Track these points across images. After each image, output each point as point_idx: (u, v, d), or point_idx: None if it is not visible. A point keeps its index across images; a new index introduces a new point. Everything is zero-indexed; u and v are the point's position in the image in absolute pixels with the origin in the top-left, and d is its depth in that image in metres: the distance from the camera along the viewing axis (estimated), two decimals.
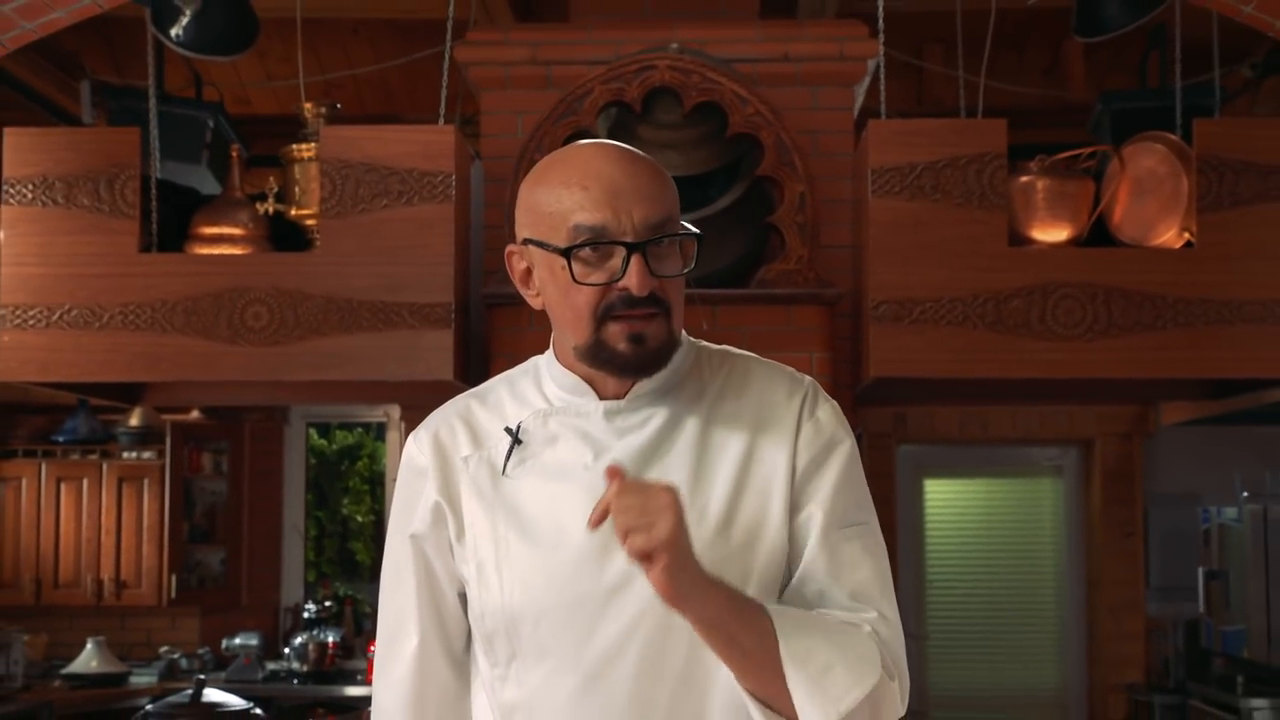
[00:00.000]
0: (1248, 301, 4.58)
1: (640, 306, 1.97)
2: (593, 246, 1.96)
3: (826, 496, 2.05)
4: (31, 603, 8.85)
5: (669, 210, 2.00)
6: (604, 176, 1.98)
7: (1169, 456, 8.59)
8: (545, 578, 2.01)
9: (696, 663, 1.98)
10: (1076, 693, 8.96)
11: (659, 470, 2.02)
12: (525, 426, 2.09)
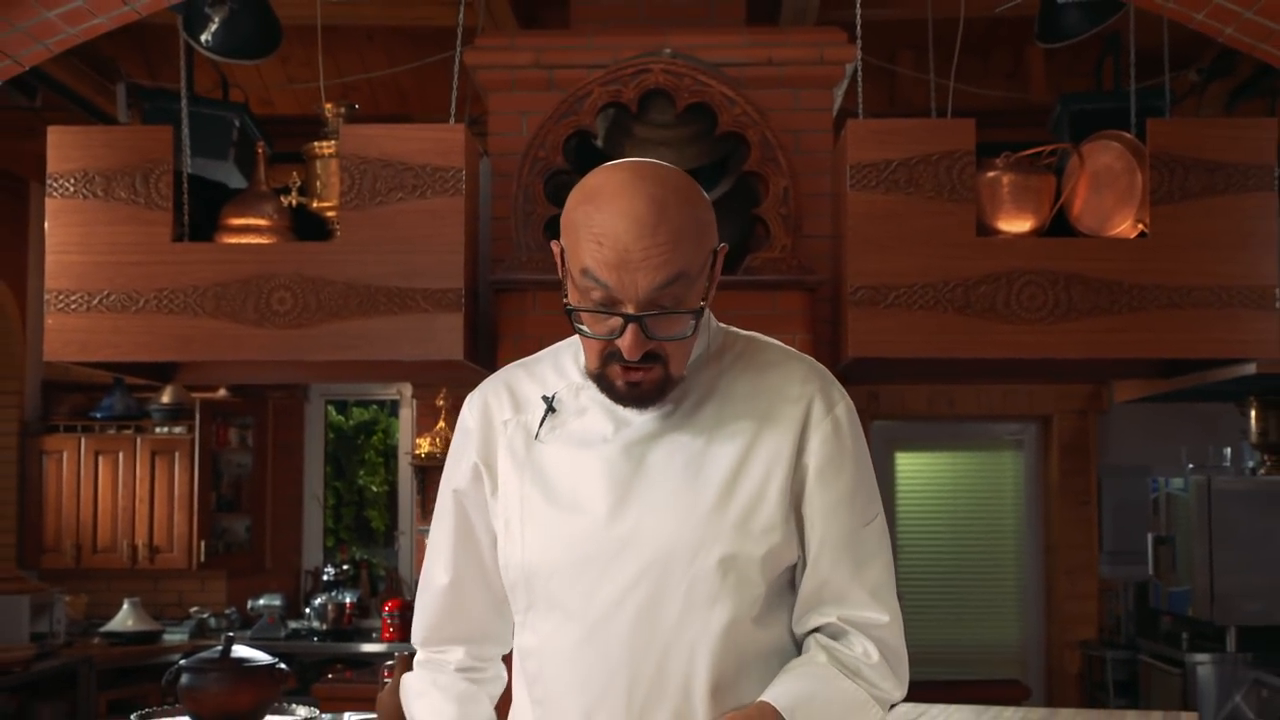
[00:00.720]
0: (1196, 287, 4.58)
1: (636, 365, 1.97)
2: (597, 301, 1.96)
3: (844, 500, 2.07)
4: (72, 566, 8.87)
5: (679, 269, 1.94)
6: (619, 241, 1.92)
7: (1121, 431, 8.61)
8: (560, 537, 2.04)
9: (687, 621, 2.00)
10: (1035, 648, 8.99)
11: (668, 446, 2.05)
12: (560, 397, 2.11)
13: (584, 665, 2.01)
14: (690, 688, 2.00)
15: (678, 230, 1.93)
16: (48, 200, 4.69)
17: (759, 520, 2.02)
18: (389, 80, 7.35)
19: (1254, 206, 4.63)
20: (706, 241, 1.99)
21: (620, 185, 1.97)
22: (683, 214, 1.95)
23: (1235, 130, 4.75)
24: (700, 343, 2.09)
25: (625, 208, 1.93)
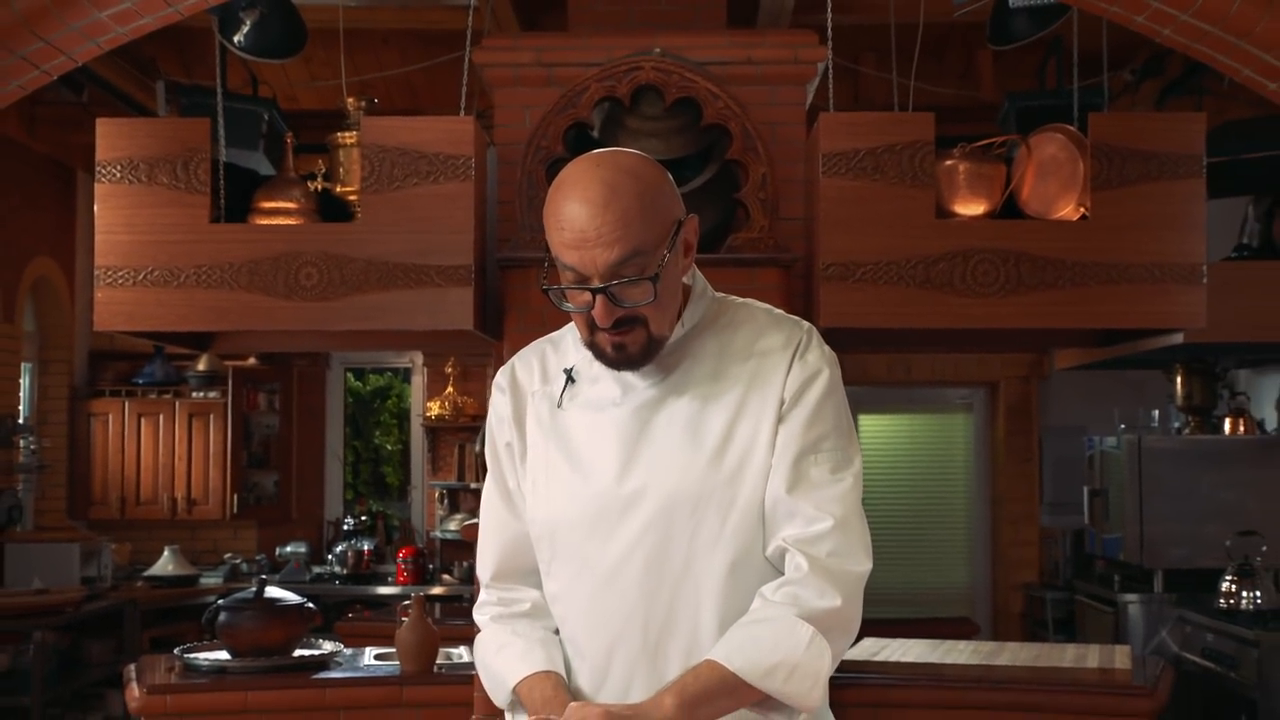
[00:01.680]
0: (1132, 265, 4.59)
1: (613, 329, 1.99)
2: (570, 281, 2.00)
3: (800, 427, 2.05)
4: (118, 517, 8.90)
5: (634, 245, 1.96)
6: (576, 223, 1.95)
7: (1060, 395, 8.65)
8: (578, 496, 2.06)
9: (692, 565, 2.02)
10: (982, 590, 9.04)
11: (669, 409, 2.07)
12: (577, 368, 2.13)
13: (603, 608, 2.04)
14: (698, 623, 2.02)
15: (626, 210, 1.95)
16: (97, 185, 4.66)
17: (751, 469, 2.03)
18: (401, 79, 7.33)
19: (1184, 192, 4.64)
20: (661, 216, 2.00)
21: (578, 175, 2.01)
22: (632, 194, 1.97)
23: (1167, 123, 4.76)
24: (696, 310, 2.11)
25: (580, 194, 1.97)
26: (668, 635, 2.03)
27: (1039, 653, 5.19)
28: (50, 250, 8.66)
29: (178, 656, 5.05)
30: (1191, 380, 7.56)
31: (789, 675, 1.92)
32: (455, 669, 4.97)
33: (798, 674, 1.93)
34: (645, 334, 2.01)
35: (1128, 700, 4.59)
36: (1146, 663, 5.14)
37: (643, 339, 2.01)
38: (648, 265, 1.97)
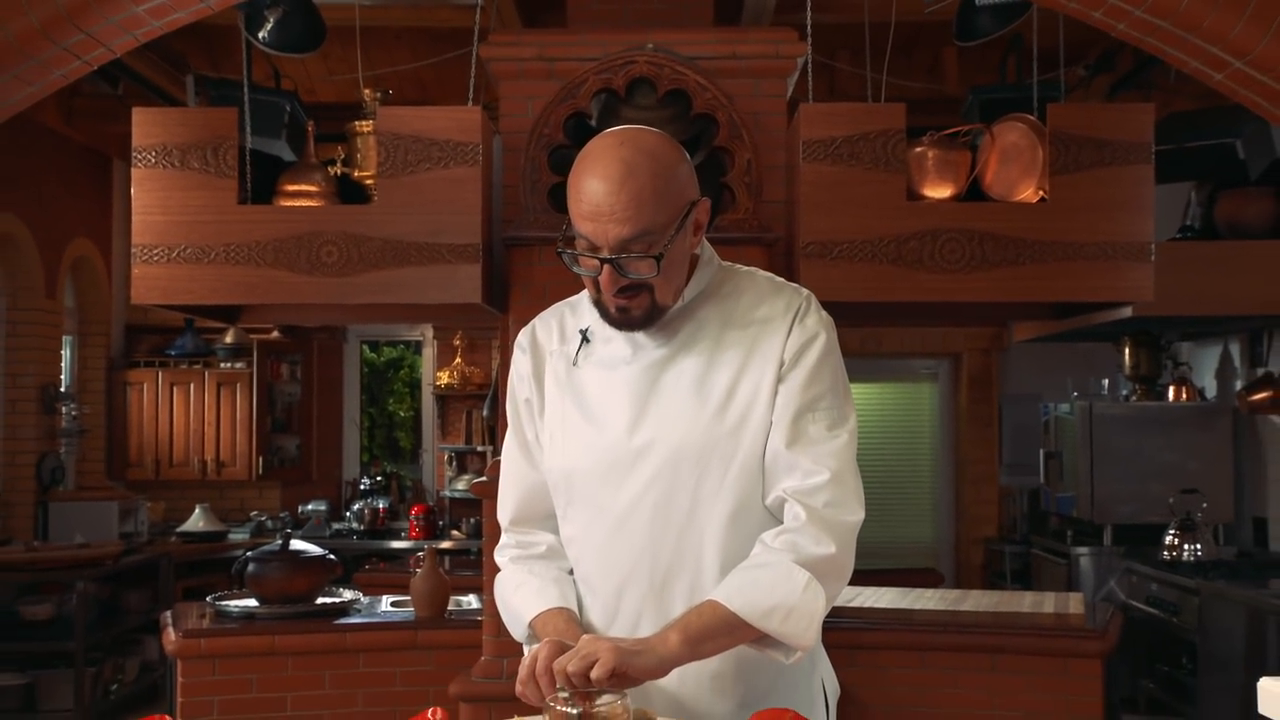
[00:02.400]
0: (1086, 244, 4.59)
1: (618, 294, 1.99)
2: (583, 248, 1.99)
3: (799, 386, 2.04)
4: (152, 478, 8.91)
5: (644, 225, 1.94)
6: (593, 197, 1.95)
7: (1018, 366, 8.67)
8: (592, 447, 2.06)
9: (696, 511, 2.02)
10: (946, 544, 9.08)
11: (677, 367, 2.07)
12: (593, 329, 2.13)
13: (614, 551, 2.05)
14: (701, 565, 2.03)
15: (640, 190, 1.94)
16: (133, 170, 4.64)
17: (752, 424, 2.03)
18: (412, 73, 7.31)
19: (1134, 177, 4.63)
20: (674, 198, 1.98)
21: (601, 150, 1.99)
22: (648, 175, 1.95)
23: (1120, 114, 4.74)
24: (703, 277, 2.11)
25: (600, 170, 1.96)
26: (673, 576, 2.03)
27: (999, 599, 5.22)
28: (88, 232, 8.64)
29: (210, 604, 5.06)
30: (1138, 351, 7.58)
31: (785, 617, 1.92)
32: (465, 614, 4.99)
33: (794, 616, 1.93)
34: (649, 300, 2.00)
35: (1081, 642, 4.61)
36: (1097, 609, 5.16)
37: (646, 304, 2.01)
38: (655, 243, 1.95)
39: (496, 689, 4.44)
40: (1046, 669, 4.60)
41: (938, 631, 4.69)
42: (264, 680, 4.72)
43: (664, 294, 2.01)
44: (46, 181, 8.02)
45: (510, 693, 4.41)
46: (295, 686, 4.74)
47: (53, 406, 8.07)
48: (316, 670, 4.77)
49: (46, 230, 8.00)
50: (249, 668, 4.73)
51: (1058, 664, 4.60)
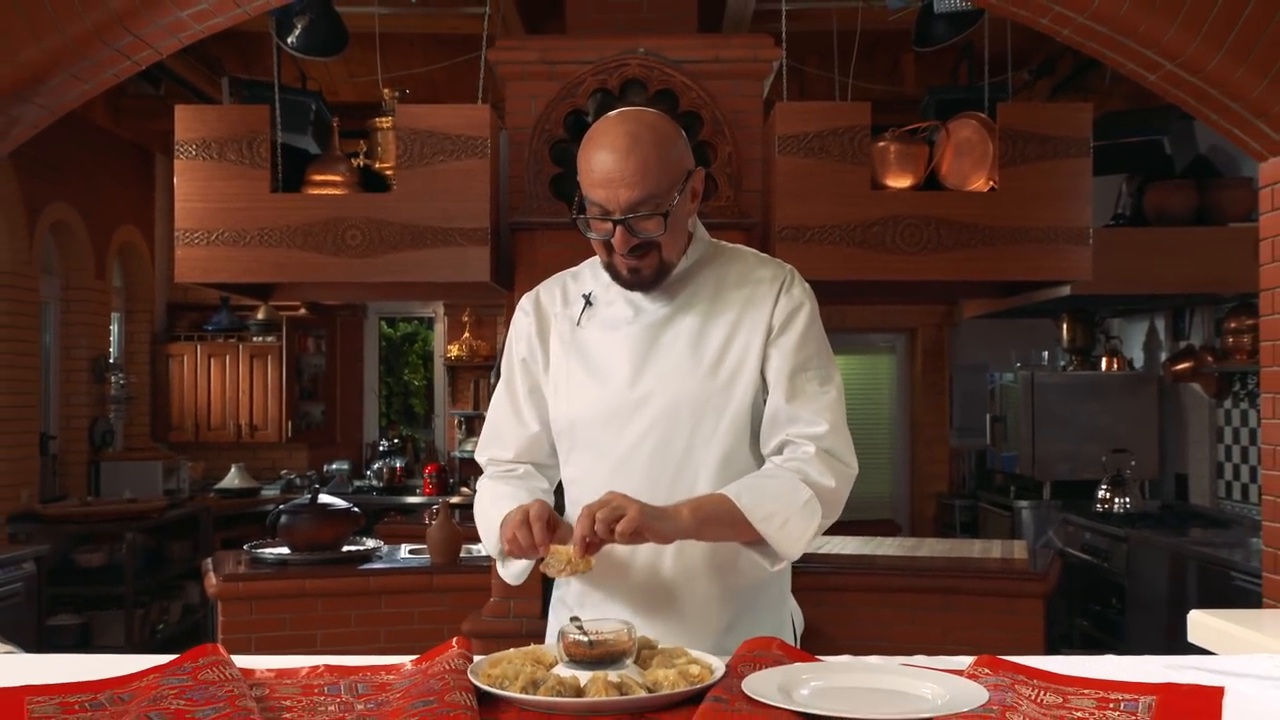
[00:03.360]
0: (1031, 228, 4.59)
1: (629, 253, 1.98)
2: (595, 214, 1.97)
3: (792, 348, 2.03)
4: (192, 440, 8.87)
5: (652, 188, 1.93)
6: (604, 166, 1.94)
7: (967, 339, 8.67)
8: (596, 397, 2.04)
9: (690, 455, 2.00)
10: (902, 498, 9.09)
11: (674, 327, 2.05)
12: (595, 293, 2.11)
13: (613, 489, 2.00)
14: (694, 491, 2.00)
15: (645, 157, 1.93)
16: (176, 161, 4.61)
17: (743, 380, 2.02)
18: (425, 75, 7.25)
19: (1074, 169, 4.63)
20: (674, 165, 1.97)
21: (608, 126, 1.99)
22: (650, 144, 1.94)
23: (1061, 112, 4.74)
24: (697, 250, 2.09)
25: (608, 143, 1.95)
26: (668, 495, 1.99)
27: (952, 547, 5.23)
28: (134, 219, 8.58)
29: (246, 552, 5.04)
30: (1075, 326, 7.59)
31: (782, 525, 1.91)
32: (475, 561, 4.98)
33: (789, 526, 1.92)
34: (658, 259, 1.99)
35: (1025, 584, 4.63)
36: (1038, 555, 5.18)
37: (655, 263, 2.00)
38: (661, 204, 1.95)
39: (505, 626, 4.45)
40: (994, 608, 4.62)
41: (897, 575, 4.71)
42: (296, 619, 4.72)
43: (670, 252, 2.01)
44: (96, 174, 7.97)
45: (517, 630, 4.40)
46: (324, 625, 4.74)
47: (103, 376, 8.04)
48: (343, 610, 4.77)
49: (96, 217, 7.95)
50: (282, 608, 4.72)
51: (1004, 603, 4.63)
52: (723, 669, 1.51)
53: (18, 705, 1.42)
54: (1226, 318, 6.29)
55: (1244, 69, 3.13)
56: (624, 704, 1.39)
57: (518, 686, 1.42)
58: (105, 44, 3.05)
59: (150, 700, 1.39)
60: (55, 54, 3.00)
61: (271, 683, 1.54)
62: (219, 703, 1.37)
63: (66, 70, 3.07)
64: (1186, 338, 6.96)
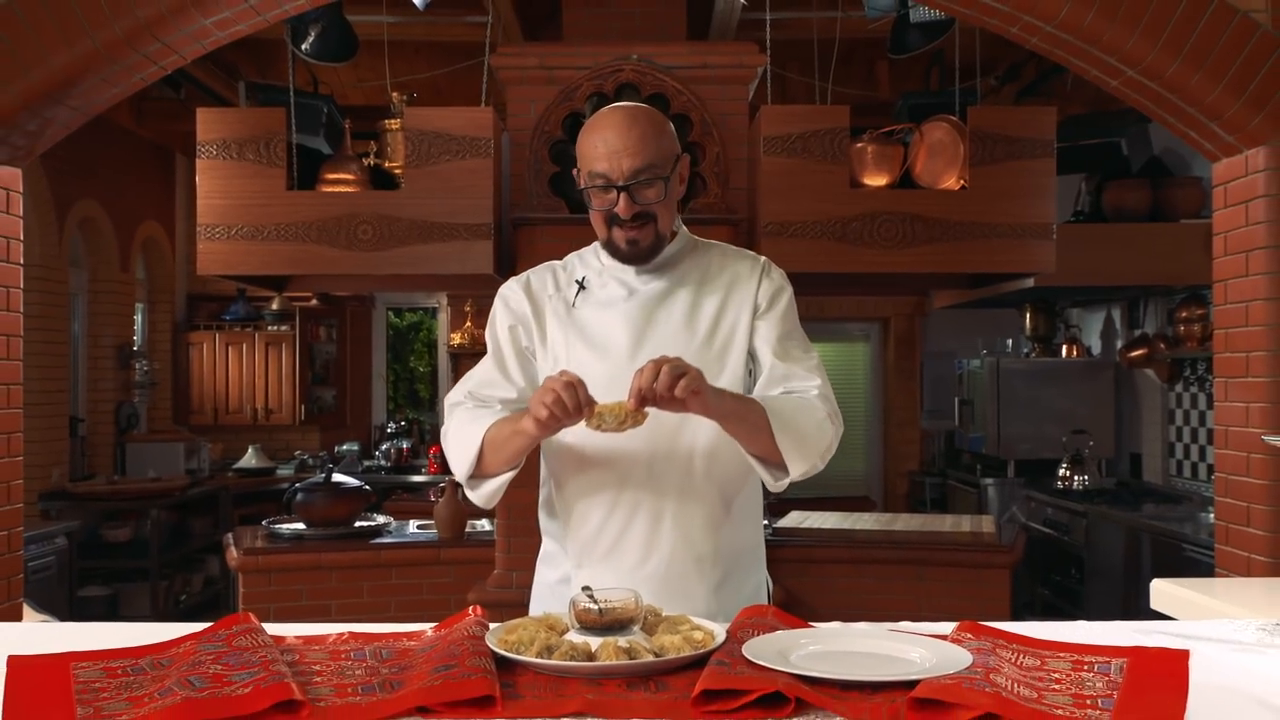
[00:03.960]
0: (999, 224, 4.59)
1: (631, 222, 2.00)
2: (600, 185, 1.99)
3: (778, 320, 2.08)
4: (211, 423, 8.84)
5: (651, 159, 1.98)
6: (608, 140, 1.99)
7: (937, 328, 8.68)
8: (597, 370, 2.02)
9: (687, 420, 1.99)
10: (876, 476, 9.11)
11: (668, 305, 2.08)
12: (588, 278, 2.12)
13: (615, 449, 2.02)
14: (691, 460, 2.03)
15: (645, 132, 1.99)
16: (198, 160, 4.58)
17: (734, 351, 2.06)
18: (429, 80, 7.22)
19: (1039, 169, 4.63)
20: (667, 144, 2.03)
21: (608, 111, 2.05)
22: (648, 122, 2.02)
23: (1027, 115, 4.73)
24: (681, 239, 2.13)
25: (610, 121, 2.01)
26: (665, 469, 2.02)
27: (924, 521, 5.24)
28: (156, 215, 8.53)
29: (265, 527, 5.03)
30: (1037, 316, 7.61)
31: (799, 440, 1.92)
32: (479, 536, 4.98)
33: (805, 443, 1.93)
34: (654, 230, 2.02)
35: (992, 555, 4.64)
36: (1004, 529, 5.20)
37: (652, 235, 2.03)
38: (659, 171, 2.00)
39: (507, 596, 4.45)
40: (964, 578, 4.64)
41: (874, 548, 4.71)
42: (312, 590, 4.71)
43: (664, 224, 2.04)
44: (121, 173, 7.92)
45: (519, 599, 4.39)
46: (338, 595, 4.73)
47: (128, 363, 8.01)
48: (356, 582, 4.76)
49: (121, 214, 7.90)
50: (299, 580, 4.71)
51: (973, 574, 4.64)
52: (724, 635, 1.51)
53: (64, 671, 1.41)
54: (1178, 308, 6.31)
55: (1200, 75, 3.13)
56: (633, 667, 1.39)
57: (533, 652, 1.42)
58: (134, 50, 3.03)
59: (189, 665, 1.39)
60: (87, 59, 2.97)
61: (300, 649, 1.53)
62: (254, 667, 1.36)
63: (97, 75, 3.04)
64: (1141, 326, 6.98)
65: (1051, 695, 1.32)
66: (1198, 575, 4.55)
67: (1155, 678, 1.40)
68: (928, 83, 6.89)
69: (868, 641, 1.52)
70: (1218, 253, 3.36)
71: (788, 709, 1.26)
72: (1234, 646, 1.63)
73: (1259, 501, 3.13)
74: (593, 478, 2.05)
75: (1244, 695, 1.38)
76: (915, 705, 1.26)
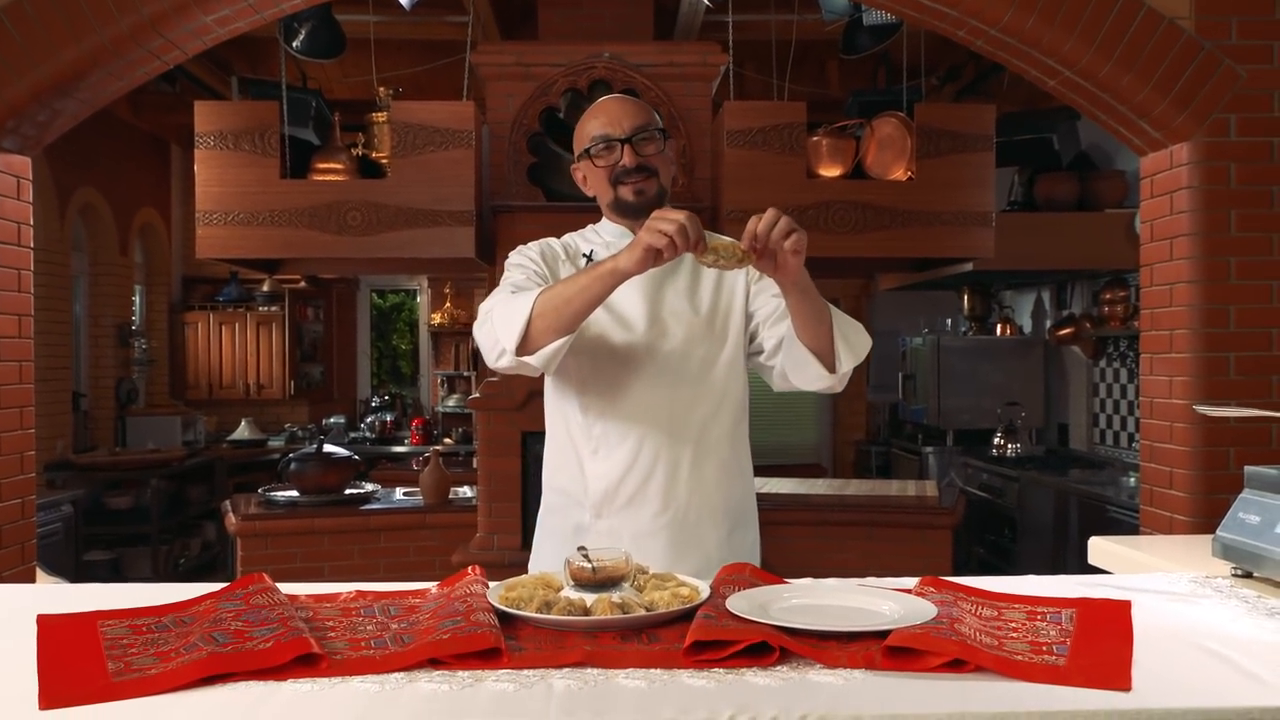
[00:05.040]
0: (942, 212, 4.62)
1: (635, 174, 2.02)
2: (604, 145, 2.02)
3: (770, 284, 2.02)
4: (206, 397, 8.74)
5: (649, 119, 2.04)
6: (610, 107, 2.06)
7: (883, 308, 8.71)
8: (615, 338, 2.02)
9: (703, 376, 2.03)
10: (826, 445, 9.15)
11: (674, 280, 2.09)
12: (595, 251, 2.11)
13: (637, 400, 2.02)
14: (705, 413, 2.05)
15: (638, 103, 2.08)
16: (196, 150, 4.51)
17: (733, 324, 2.08)
18: (410, 76, 7.13)
19: (979, 161, 4.67)
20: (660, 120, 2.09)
21: (602, 99, 2.11)
22: (640, 100, 2.12)
23: (969, 112, 4.76)
24: None
25: (606, 100, 2.09)
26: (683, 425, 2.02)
27: (873, 486, 5.29)
28: (152, 202, 8.40)
29: (261, 495, 4.99)
30: (974, 297, 7.66)
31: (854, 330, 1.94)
32: (462, 501, 4.97)
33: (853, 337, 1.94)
34: (657, 183, 2.05)
35: (936, 517, 4.69)
36: (945, 493, 5.25)
37: (656, 186, 2.04)
38: (656, 130, 2.04)
39: (490, 557, 4.44)
40: (909, 538, 4.69)
41: (828, 510, 4.75)
42: (306, 553, 4.68)
43: (665, 178, 2.07)
44: (119, 162, 7.79)
45: (501, 560, 4.37)
46: (330, 558, 4.71)
47: (127, 341, 7.89)
48: (347, 545, 4.74)
49: (119, 200, 7.77)
50: (294, 544, 4.68)
51: (918, 534, 4.69)
52: (708, 590, 1.52)
53: (91, 628, 1.39)
54: (1102, 290, 6.38)
55: (1130, 76, 3.15)
56: (627, 621, 1.39)
57: (533, 607, 1.42)
58: (139, 45, 2.97)
59: (211, 622, 1.38)
60: (94, 54, 2.91)
61: (314, 606, 1.52)
62: (273, 623, 1.35)
63: (104, 69, 2.98)
64: (1068, 307, 7.05)
65: (1010, 643, 1.34)
66: (1122, 534, 4.62)
67: (1103, 625, 1.42)
68: (875, 81, 6.91)
69: (840, 595, 1.54)
70: (1144, 239, 3.40)
71: (772, 657, 1.27)
72: (1169, 597, 1.65)
73: (1181, 466, 3.18)
74: (615, 431, 2.03)
75: (1183, 641, 1.41)
76: (889, 653, 1.27)
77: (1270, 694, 1.18)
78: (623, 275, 1.77)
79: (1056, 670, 1.24)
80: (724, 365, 2.05)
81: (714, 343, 2.04)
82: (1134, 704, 1.14)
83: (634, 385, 2.01)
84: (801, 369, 1.97)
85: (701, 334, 2.04)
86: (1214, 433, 3.10)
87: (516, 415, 4.52)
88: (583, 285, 1.81)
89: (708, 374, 2.03)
